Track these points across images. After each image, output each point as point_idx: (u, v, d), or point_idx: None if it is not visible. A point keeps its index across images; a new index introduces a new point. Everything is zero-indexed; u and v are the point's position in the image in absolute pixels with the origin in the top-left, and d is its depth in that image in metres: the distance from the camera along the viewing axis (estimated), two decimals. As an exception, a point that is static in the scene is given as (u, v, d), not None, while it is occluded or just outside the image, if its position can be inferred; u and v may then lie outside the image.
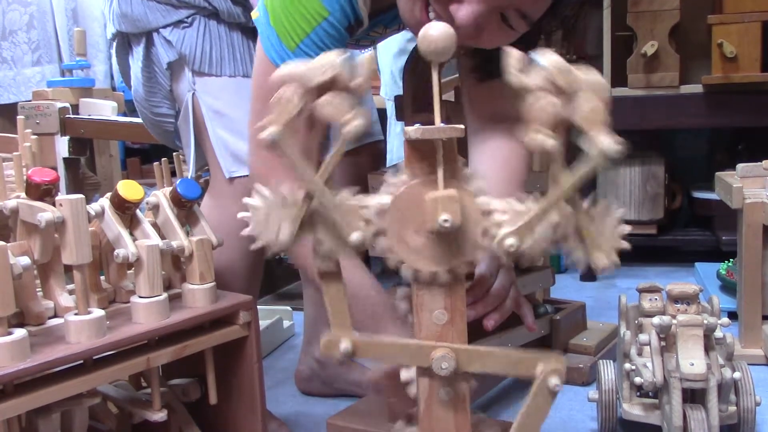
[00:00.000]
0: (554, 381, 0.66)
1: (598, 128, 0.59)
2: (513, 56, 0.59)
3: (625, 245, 0.63)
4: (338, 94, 0.63)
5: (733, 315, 1.53)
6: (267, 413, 1.12)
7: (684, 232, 2.31)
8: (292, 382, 1.42)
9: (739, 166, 1.51)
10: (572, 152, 0.61)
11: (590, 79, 0.60)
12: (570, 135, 0.61)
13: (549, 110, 0.59)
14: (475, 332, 0.72)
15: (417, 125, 0.65)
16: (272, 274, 2.08)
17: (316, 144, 0.68)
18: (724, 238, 2.10)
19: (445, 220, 0.63)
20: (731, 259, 1.83)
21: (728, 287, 1.75)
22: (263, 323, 1.59)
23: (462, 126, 0.65)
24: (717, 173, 1.58)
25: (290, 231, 0.66)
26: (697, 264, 2.05)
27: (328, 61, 0.63)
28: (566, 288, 2.01)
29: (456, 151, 0.66)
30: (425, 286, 0.68)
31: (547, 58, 0.59)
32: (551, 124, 0.59)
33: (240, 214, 0.67)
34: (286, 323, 1.73)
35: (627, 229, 0.63)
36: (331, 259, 0.67)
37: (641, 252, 2.28)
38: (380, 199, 0.67)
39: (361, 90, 0.63)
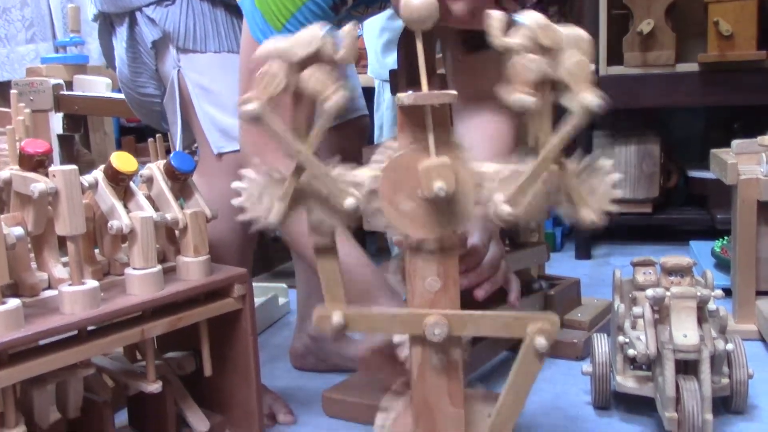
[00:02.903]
0: (541, 341, 0.66)
1: (583, 83, 0.59)
2: (495, 18, 0.59)
3: (613, 209, 0.63)
4: (321, 67, 0.63)
5: (727, 292, 1.53)
6: (262, 386, 1.12)
7: (679, 211, 2.31)
8: (287, 358, 1.42)
9: (735, 142, 1.51)
10: (559, 114, 0.61)
11: (573, 34, 0.60)
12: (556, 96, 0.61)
13: (532, 68, 0.59)
14: (468, 306, 0.72)
15: (410, 92, 0.65)
16: (267, 253, 2.08)
17: (304, 118, 0.68)
18: (718, 216, 2.10)
19: (440, 188, 0.63)
20: (725, 237, 1.83)
21: (722, 264, 1.75)
22: (258, 300, 1.59)
23: (454, 92, 0.65)
24: (712, 150, 1.58)
25: (281, 208, 0.66)
26: (691, 242, 2.05)
27: (311, 35, 0.63)
28: (561, 265, 2.01)
29: (448, 118, 0.66)
30: (418, 253, 0.68)
31: (529, 17, 0.59)
32: (534, 83, 0.59)
33: (234, 188, 0.67)
34: (281, 300, 1.74)
35: (618, 192, 0.63)
36: (328, 233, 0.68)
37: (636, 230, 2.28)
38: (372, 170, 0.67)
39: (345, 62, 0.64)
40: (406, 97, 0.64)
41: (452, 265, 0.69)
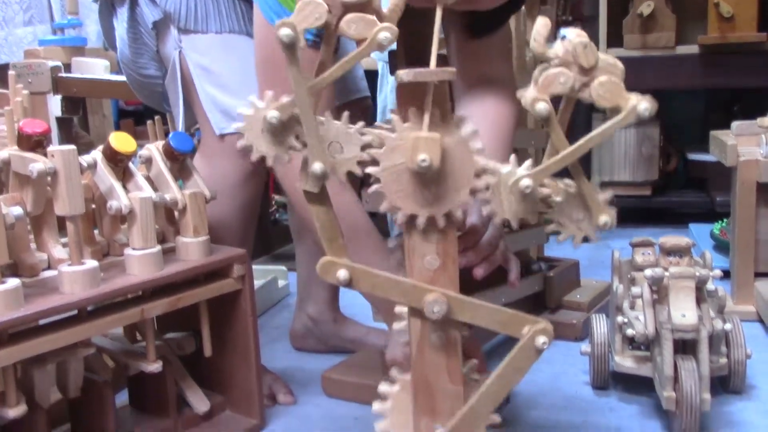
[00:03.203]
0: (542, 339, 0.67)
1: (622, 99, 0.60)
2: (542, 25, 0.60)
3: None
4: (364, 17, 0.63)
5: (725, 274, 1.54)
6: (262, 367, 1.13)
7: (678, 194, 2.31)
8: (286, 339, 1.43)
9: (734, 123, 1.50)
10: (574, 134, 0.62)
11: (608, 60, 0.61)
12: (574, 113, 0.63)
13: (562, 81, 0.60)
14: (467, 285, 0.72)
15: (409, 69, 0.65)
16: (267, 236, 2.08)
17: (328, 62, 0.67)
18: (718, 199, 2.10)
19: (423, 160, 0.63)
20: (724, 219, 1.84)
21: (721, 246, 1.76)
22: (258, 282, 1.59)
23: (453, 69, 0.64)
24: (712, 132, 1.58)
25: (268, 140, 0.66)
26: (690, 225, 2.06)
27: None
28: (560, 247, 2.00)
29: (448, 95, 0.66)
30: (417, 231, 0.68)
31: (573, 33, 0.60)
32: (555, 93, 0.60)
33: (235, 129, 0.66)
34: (281, 283, 1.74)
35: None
36: (318, 181, 0.67)
37: (635, 213, 2.28)
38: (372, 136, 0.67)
39: (390, 19, 0.63)
40: (406, 73, 0.64)
41: (451, 243, 0.69)
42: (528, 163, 0.65)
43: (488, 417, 0.70)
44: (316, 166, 0.66)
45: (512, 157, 0.65)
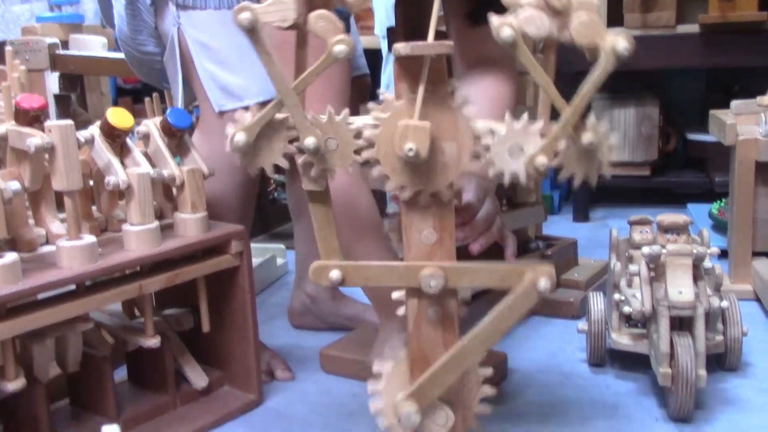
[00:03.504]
0: (544, 282, 0.66)
1: (600, 37, 0.59)
2: None
3: (608, 171, 0.66)
4: (330, 17, 0.63)
5: (723, 254, 1.54)
6: (260, 344, 1.13)
7: (677, 174, 2.30)
8: (285, 317, 1.43)
9: (734, 102, 1.50)
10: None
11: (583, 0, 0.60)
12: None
13: (536, 23, 0.59)
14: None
15: (407, 43, 0.64)
16: (265, 214, 2.08)
17: (303, 62, 0.67)
18: (717, 179, 2.10)
19: (410, 149, 0.63)
20: (723, 199, 1.83)
21: (719, 226, 1.76)
22: (256, 261, 1.60)
23: (451, 42, 0.64)
24: (711, 111, 1.57)
25: (243, 137, 0.66)
26: (689, 205, 2.06)
27: None
28: (559, 228, 2.02)
29: (445, 70, 0.66)
30: (414, 206, 0.68)
31: None
32: (531, 35, 0.59)
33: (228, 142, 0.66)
34: (279, 261, 1.74)
35: (615, 156, 0.65)
36: (319, 178, 0.67)
37: (634, 193, 2.28)
38: (368, 120, 0.67)
39: (355, 7, 0.63)
40: (403, 47, 0.63)
41: (448, 218, 0.69)
42: (538, 125, 0.64)
43: (480, 356, 0.69)
44: (309, 141, 0.65)
45: (517, 120, 0.65)
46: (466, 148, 0.66)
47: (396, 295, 0.76)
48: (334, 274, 0.69)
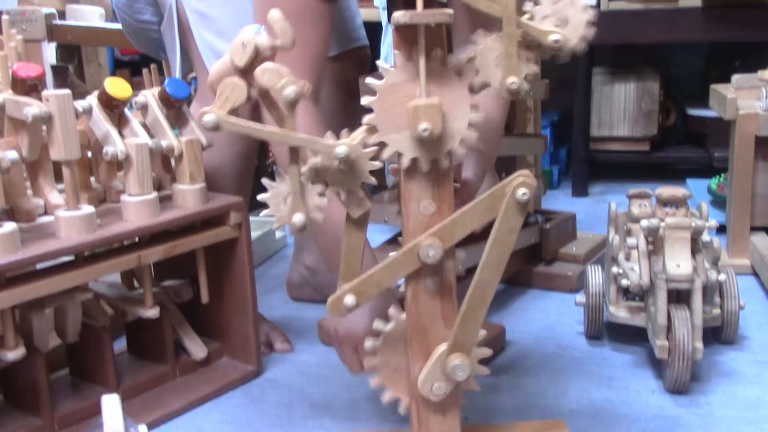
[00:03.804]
0: (521, 191, 0.66)
1: None
2: None
3: (591, 32, 0.64)
4: (270, 65, 0.64)
5: (721, 228, 1.54)
6: (259, 316, 1.14)
7: (677, 149, 2.30)
8: (283, 289, 1.43)
9: (735, 77, 1.49)
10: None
11: None
12: None
13: None
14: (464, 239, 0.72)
15: (406, 11, 0.64)
16: (264, 188, 2.07)
17: (281, 122, 0.68)
18: (716, 154, 2.10)
19: (425, 130, 0.63)
20: (722, 174, 1.83)
21: (718, 201, 1.76)
22: (255, 234, 1.60)
23: (450, 11, 0.64)
24: (712, 85, 1.57)
25: (299, 212, 0.68)
26: (688, 180, 2.06)
27: (242, 38, 0.64)
28: (558, 203, 2.02)
29: (445, 38, 0.65)
30: (413, 176, 0.68)
31: None
32: None
33: (261, 200, 0.69)
34: (278, 234, 1.74)
35: (593, 14, 0.64)
36: (361, 205, 0.69)
37: (634, 168, 2.28)
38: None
39: (285, 47, 0.65)
40: (402, 15, 0.63)
41: (447, 188, 0.69)
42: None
43: (496, 283, 0.69)
44: (340, 149, 0.66)
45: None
46: (465, 115, 0.66)
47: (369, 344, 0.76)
48: (349, 300, 0.70)
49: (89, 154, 1.01)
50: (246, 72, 0.65)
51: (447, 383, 0.71)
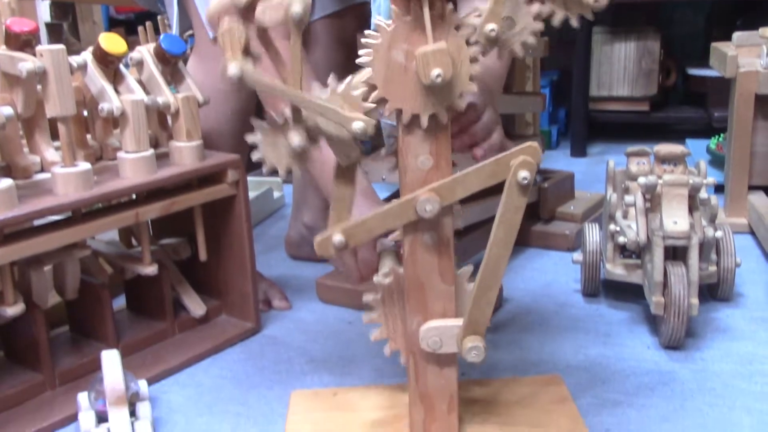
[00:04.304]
0: (522, 174, 0.66)
1: None
2: None
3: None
4: (270, 3, 0.63)
5: (719, 188, 1.54)
6: (258, 274, 1.14)
7: (677, 109, 2.29)
8: (282, 248, 1.44)
9: (736, 34, 1.48)
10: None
11: None
12: None
13: None
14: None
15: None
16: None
17: (282, 63, 0.67)
18: (716, 114, 2.09)
19: (438, 76, 0.63)
20: (721, 134, 1.83)
21: (717, 161, 1.75)
22: (253, 193, 1.60)
23: (451, -40, 0.63)
24: (713, 43, 1.55)
25: (290, 161, 0.67)
26: (687, 140, 2.05)
27: None
28: (557, 163, 2.02)
29: (443, -9, 0.65)
30: (411, 131, 0.68)
31: None
32: None
33: (249, 141, 0.67)
34: (276, 194, 1.74)
35: None
36: (353, 155, 0.67)
37: (633, 128, 2.27)
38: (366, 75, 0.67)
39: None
40: (399, -37, 0.62)
41: (445, 143, 0.69)
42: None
43: (506, 262, 0.70)
44: (357, 125, 0.65)
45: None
46: (464, 68, 0.65)
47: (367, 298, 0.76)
48: (337, 238, 0.70)
49: (85, 113, 1.01)
50: (246, 10, 0.63)
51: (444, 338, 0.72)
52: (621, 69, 2.20)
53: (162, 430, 0.86)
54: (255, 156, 0.69)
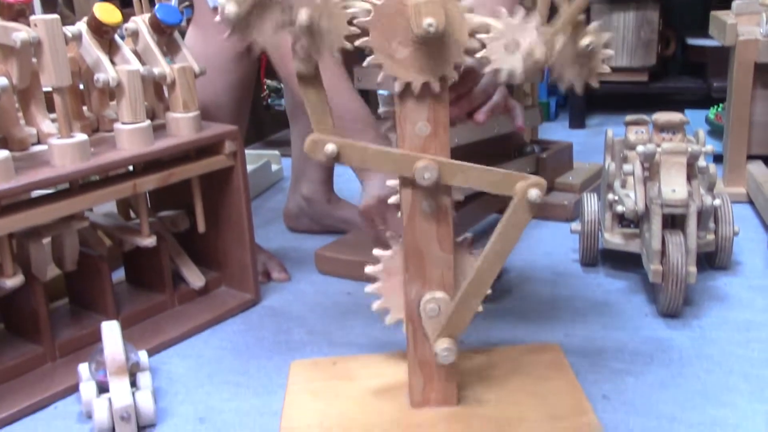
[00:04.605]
0: (535, 193, 0.67)
1: None
2: None
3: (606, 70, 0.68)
4: None
5: (718, 158, 1.54)
6: (257, 246, 1.14)
7: (675, 80, 2.28)
8: (280, 221, 1.44)
9: (735, 2, 1.47)
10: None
11: None
12: None
13: None
14: (468, 158, 0.72)
15: None
16: (260, 121, 2.06)
17: None
18: (715, 84, 2.08)
19: (430, 24, 0.62)
20: (720, 104, 1.82)
21: (716, 131, 1.75)
22: (251, 167, 1.59)
23: None
24: (712, 12, 1.54)
25: (272, 31, 0.64)
26: (686, 110, 2.04)
27: None
28: (555, 135, 2.01)
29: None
30: (408, 98, 0.67)
31: None
32: None
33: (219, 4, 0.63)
34: (274, 167, 1.74)
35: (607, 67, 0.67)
36: (311, 62, 0.66)
37: (631, 99, 2.26)
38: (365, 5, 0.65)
39: None
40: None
41: (442, 110, 0.68)
42: (536, 20, 0.64)
43: (495, 274, 0.71)
44: (302, 15, 0.62)
45: (512, 14, 0.64)
46: (461, 39, 0.65)
47: (393, 199, 0.76)
48: (329, 148, 0.68)
49: (81, 86, 1.00)
50: None
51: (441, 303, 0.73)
52: (620, 39, 2.19)
53: (163, 400, 0.87)
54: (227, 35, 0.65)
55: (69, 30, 0.89)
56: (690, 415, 0.79)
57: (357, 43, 0.65)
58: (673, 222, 1.02)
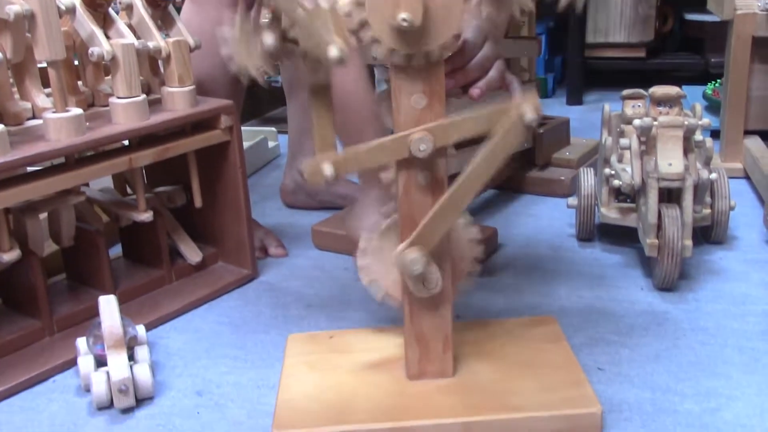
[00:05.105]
0: (530, 114, 0.65)
1: None
2: None
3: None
4: None
5: (715, 134, 1.54)
6: (254, 222, 1.14)
7: (673, 56, 2.28)
8: (277, 197, 1.44)
9: (734, -24, 1.46)
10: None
11: None
12: None
13: None
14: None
15: None
16: (257, 98, 2.05)
17: None
18: (712, 60, 2.08)
19: (404, 19, 0.61)
20: (718, 80, 1.82)
21: (713, 107, 1.75)
22: (248, 143, 1.59)
23: None
24: (710, -14, 1.54)
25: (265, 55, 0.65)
26: (683, 86, 2.03)
27: None
28: (552, 111, 1.99)
29: None
30: (403, 70, 0.67)
31: None
32: None
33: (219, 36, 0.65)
34: (270, 143, 1.74)
35: None
36: (321, 71, 0.66)
37: (629, 75, 2.25)
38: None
39: None
40: None
41: (438, 82, 0.68)
42: None
43: (474, 194, 0.69)
44: (334, 52, 0.63)
45: None
46: (458, 7, 0.65)
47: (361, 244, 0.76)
48: (327, 169, 0.69)
49: (75, 62, 1.00)
50: None
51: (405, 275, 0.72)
52: (617, 14, 2.18)
53: (161, 374, 0.87)
54: (224, 51, 0.67)
55: (62, 3, 0.88)
56: (684, 386, 0.80)
57: (354, 17, 0.64)
58: (669, 196, 1.02)
